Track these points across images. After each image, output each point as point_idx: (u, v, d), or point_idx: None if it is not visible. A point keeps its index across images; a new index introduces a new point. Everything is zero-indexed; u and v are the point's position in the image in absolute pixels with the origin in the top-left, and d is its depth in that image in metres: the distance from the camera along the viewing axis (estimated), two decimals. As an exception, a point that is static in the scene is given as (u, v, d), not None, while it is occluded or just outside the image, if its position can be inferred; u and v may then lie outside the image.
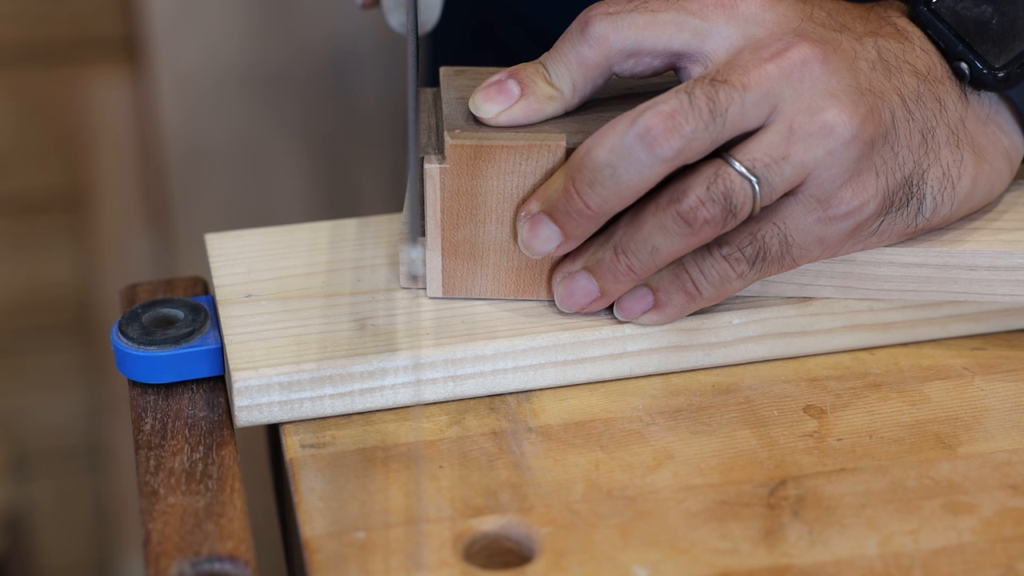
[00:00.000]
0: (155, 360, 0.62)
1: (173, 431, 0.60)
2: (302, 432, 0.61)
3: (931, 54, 0.63)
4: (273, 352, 0.61)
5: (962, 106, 0.63)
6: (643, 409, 0.62)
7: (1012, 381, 0.64)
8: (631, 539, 0.55)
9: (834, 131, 0.59)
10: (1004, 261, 0.63)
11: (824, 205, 0.60)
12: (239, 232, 0.69)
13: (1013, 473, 0.59)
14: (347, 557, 0.54)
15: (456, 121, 0.62)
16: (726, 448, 0.60)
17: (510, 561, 0.55)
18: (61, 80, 1.37)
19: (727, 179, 0.58)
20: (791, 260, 0.61)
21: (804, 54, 0.59)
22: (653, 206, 0.59)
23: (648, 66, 0.61)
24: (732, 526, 0.56)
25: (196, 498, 0.57)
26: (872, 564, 0.54)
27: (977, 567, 0.54)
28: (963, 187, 0.62)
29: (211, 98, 1.30)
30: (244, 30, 1.28)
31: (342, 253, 0.67)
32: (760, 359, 0.65)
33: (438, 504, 0.57)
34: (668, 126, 0.57)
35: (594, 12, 0.61)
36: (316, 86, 1.32)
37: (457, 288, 0.64)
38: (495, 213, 0.62)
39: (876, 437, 0.61)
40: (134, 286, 0.68)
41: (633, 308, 0.62)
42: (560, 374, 0.63)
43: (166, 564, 0.54)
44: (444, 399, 0.62)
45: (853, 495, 0.57)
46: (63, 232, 1.44)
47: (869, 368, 0.65)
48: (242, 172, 1.34)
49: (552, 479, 0.58)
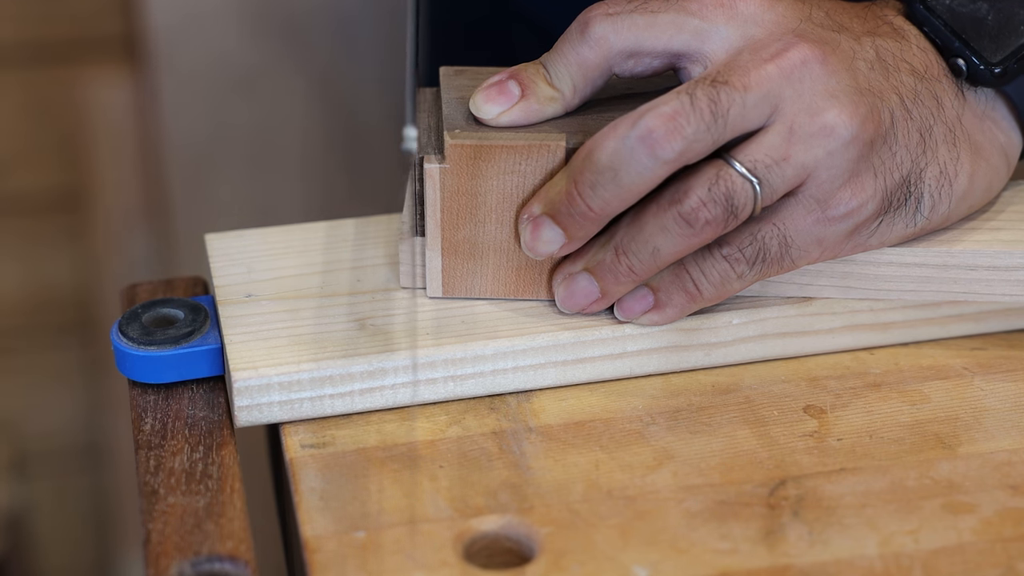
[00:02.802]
0: (155, 360, 0.62)
1: (173, 431, 0.60)
2: (302, 432, 0.61)
3: (928, 52, 0.63)
4: (273, 352, 0.61)
5: (959, 104, 0.63)
6: (643, 409, 0.62)
7: (1012, 381, 0.64)
8: (631, 539, 0.55)
9: (834, 132, 0.59)
10: (1004, 261, 0.63)
11: (823, 206, 0.60)
12: (239, 232, 0.69)
13: (1013, 473, 0.59)
14: (347, 557, 0.54)
15: (456, 121, 0.62)
16: (726, 448, 0.60)
17: (510, 561, 0.55)
18: (61, 80, 1.37)
19: (728, 180, 0.58)
20: (790, 261, 0.61)
21: (804, 55, 0.59)
22: (654, 207, 0.59)
23: (648, 67, 0.61)
24: (732, 526, 0.56)
25: (196, 498, 0.57)
26: (872, 564, 0.54)
27: (977, 567, 0.54)
28: (960, 185, 0.62)
29: (211, 98, 1.30)
30: (244, 30, 1.28)
31: (342, 253, 0.67)
32: (760, 359, 0.65)
33: (438, 504, 0.57)
34: (669, 128, 0.57)
35: (594, 13, 0.61)
36: (316, 86, 1.32)
37: (457, 288, 0.64)
38: (495, 213, 0.62)
39: (876, 437, 0.61)
40: (134, 286, 0.68)
41: (633, 308, 0.62)
42: (560, 374, 0.63)
43: (166, 564, 0.54)
44: (444, 399, 0.62)
45: (853, 495, 0.57)
46: (63, 232, 1.44)
47: (869, 368, 0.65)
48: (242, 172, 1.34)
49: (552, 479, 0.58)
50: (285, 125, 1.33)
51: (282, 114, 1.33)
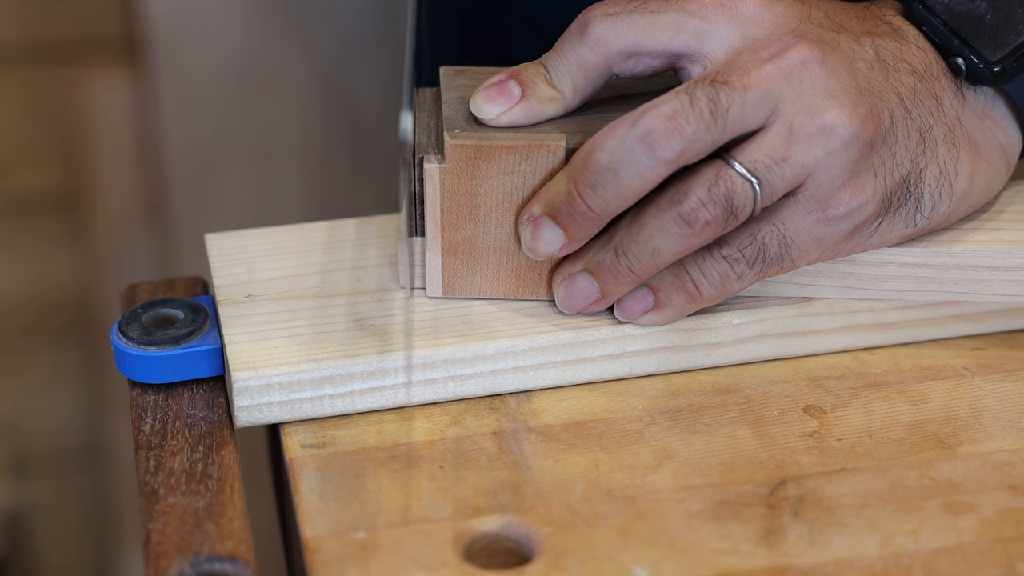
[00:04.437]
0: (155, 360, 0.62)
1: (173, 431, 0.60)
2: (302, 432, 0.61)
3: (927, 51, 0.63)
4: (273, 352, 0.61)
5: (958, 103, 0.63)
6: (643, 409, 0.62)
7: (1012, 381, 0.64)
8: (631, 539, 0.55)
9: (834, 132, 0.59)
10: (1004, 261, 0.63)
11: (823, 206, 0.60)
12: (239, 232, 0.69)
13: (1013, 473, 0.59)
14: (347, 557, 0.54)
15: (456, 121, 0.62)
16: (726, 448, 0.60)
17: (510, 561, 0.55)
18: (61, 80, 1.37)
19: (728, 181, 0.58)
20: (790, 261, 0.61)
21: (803, 55, 0.59)
22: (654, 207, 0.59)
23: (648, 67, 0.61)
24: (732, 526, 0.56)
25: (196, 498, 0.57)
26: (872, 564, 0.54)
27: (977, 567, 0.54)
28: (960, 185, 0.62)
29: (211, 98, 1.30)
30: (244, 30, 1.28)
31: (342, 253, 0.67)
32: (760, 359, 0.65)
33: (438, 504, 0.57)
34: (669, 127, 0.57)
35: (594, 13, 0.61)
36: (317, 86, 1.32)
37: (457, 288, 0.64)
38: (495, 213, 0.62)
39: (876, 437, 0.61)
40: (134, 286, 0.68)
41: (634, 308, 0.62)
42: (560, 374, 0.63)
43: (166, 564, 0.54)
44: (444, 399, 0.62)
45: (853, 495, 0.57)
46: (63, 232, 1.44)
47: (869, 368, 0.65)
48: (242, 172, 1.34)
49: (552, 479, 0.58)
50: (285, 125, 1.33)
51: (282, 114, 1.33)
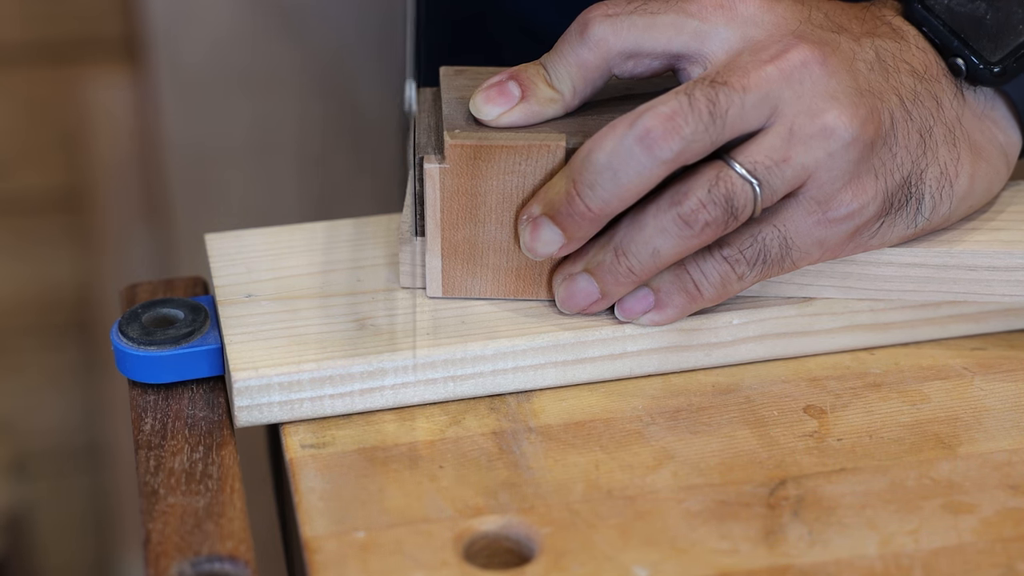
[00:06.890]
0: (155, 360, 0.62)
1: (173, 431, 0.61)
2: (302, 432, 0.61)
3: (927, 52, 0.63)
4: (273, 352, 0.61)
5: (958, 104, 0.63)
6: (643, 409, 0.62)
7: (1012, 381, 0.64)
8: (631, 539, 0.55)
9: (835, 133, 0.59)
10: (1003, 261, 0.63)
11: (824, 207, 0.60)
12: (239, 232, 0.69)
13: (1013, 473, 0.59)
14: (347, 557, 0.54)
15: (456, 121, 0.62)
16: (726, 448, 0.60)
17: (510, 561, 0.55)
18: (61, 80, 1.37)
19: (728, 182, 0.58)
20: (791, 262, 0.61)
21: (804, 56, 0.59)
22: (654, 208, 0.59)
23: (647, 67, 0.61)
24: (732, 526, 0.56)
25: (196, 498, 0.57)
26: (872, 564, 0.54)
27: (977, 567, 0.54)
28: (961, 185, 0.62)
29: (211, 98, 1.30)
30: (244, 30, 1.28)
31: (342, 253, 0.67)
32: (760, 359, 0.65)
33: (438, 504, 0.57)
34: (667, 128, 0.57)
35: (593, 14, 0.61)
36: (316, 86, 1.32)
37: (457, 288, 0.64)
38: (495, 213, 0.62)
39: (876, 437, 0.61)
40: (134, 286, 0.68)
41: (634, 309, 0.62)
42: (560, 374, 0.63)
43: (166, 564, 0.54)
44: (444, 399, 0.62)
45: (853, 495, 0.57)
46: (63, 232, 1.44)
47: (869, 368, 0.65)
48: (242, 172, 1.34)
49: (552, 479, 0.58)
50: (285, 125, 1.33)
51: (282, 114, 1.33)
